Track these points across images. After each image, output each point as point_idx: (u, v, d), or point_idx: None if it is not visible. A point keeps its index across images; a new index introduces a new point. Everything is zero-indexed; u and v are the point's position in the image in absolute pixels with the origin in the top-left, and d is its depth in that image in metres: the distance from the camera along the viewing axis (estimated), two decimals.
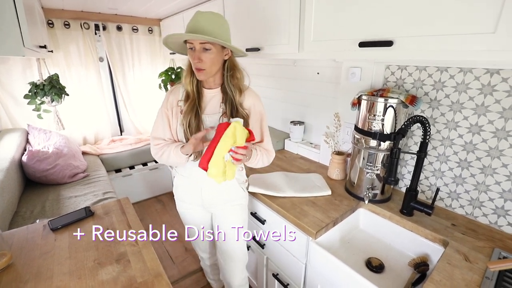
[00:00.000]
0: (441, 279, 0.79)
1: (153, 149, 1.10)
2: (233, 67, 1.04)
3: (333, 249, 1.09)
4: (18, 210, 1.67)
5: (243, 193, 1.19)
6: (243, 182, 1.20)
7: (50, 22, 2.32)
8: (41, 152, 1.95)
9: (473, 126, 1.00)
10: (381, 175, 1.15)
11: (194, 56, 0.95)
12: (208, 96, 1.07)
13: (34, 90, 2.15)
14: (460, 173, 1.07)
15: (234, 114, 1.02)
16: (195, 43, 0.94)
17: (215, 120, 1.04)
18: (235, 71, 1.04)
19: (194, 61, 0.96)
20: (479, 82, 0.96)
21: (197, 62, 0.95)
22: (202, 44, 0.94)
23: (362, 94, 1.13)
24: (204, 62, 0.96)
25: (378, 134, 1.09)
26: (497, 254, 0.88)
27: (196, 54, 0.95)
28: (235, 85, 1.04)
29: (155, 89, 2.96)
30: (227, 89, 1.04)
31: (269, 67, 1.95)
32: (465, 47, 0.70)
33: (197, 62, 0.95)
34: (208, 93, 1.06)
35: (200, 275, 1.83)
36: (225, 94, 1.05)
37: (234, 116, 1.02)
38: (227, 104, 1.03)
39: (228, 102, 1.03)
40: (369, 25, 0.90)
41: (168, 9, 2.34)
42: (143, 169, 2.74)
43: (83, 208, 1.14)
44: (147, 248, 0.93)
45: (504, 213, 0.98)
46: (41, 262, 0.88)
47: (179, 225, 2.36)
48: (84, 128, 2.75)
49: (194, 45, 0.94)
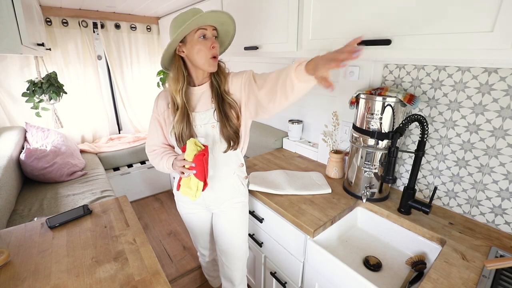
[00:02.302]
0: (438, 278, 0.80)
1: (149, 157, 1.15)
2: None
3: (331, 247, 1.10)
4: (16, 208, 1.67)
5: (244, 190, 1.18)
6: (244, 178, 1.19)
7: (48, 20, 2.31)
8: (39, 150, 1.95)
9: (471, 125, 1.00)
10: (379, 174, 1.15)
11: (211, 42, 0.94)
12: (198, 93, 1.05)
13: (32, 88, 2.14)
14: (458, 172, 1.07)
15: (221, 106, 1.01)
16: (209, 29, 0.94)
17: (209, 116, 1.02)
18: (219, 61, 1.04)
19: (212, 46, 0.94)
20: (477, 81, 0.96)
21: (215, 48, 0.95)
22: (213, 31, 0.95)
23: (360, 93, 1.13)
24: (216, 49, 0.96)
25: (376, 132, 1.09)
26: (494, 253, 0.89)
27: (212, 39, 0.95)
28: (220, 73, 1.04)
29: (153, 87, 2.96)
30: (213, 80, 1.03)
31: (268, 65, 1.95)
32: (463, 46, 0.70)
33: (215, 48, 0.95)
34: (197, 90, 1.05)
35: (198, 273, 1.83)
36: (212, 87, 1.04)
37: (222, 108, 1.01)
38: (214, 95, 1.02)
39: (214, 93, 1.02)
40: (367, 23, 0.90)
41: (166, 7, 2.33)
42: (141, 167, 2.74)
43: (81, 206, 1.14)
44: (145, 246, 0.93)
45: (502, 212, 0.98)
46: (39, 260, 0.88)
47: (177, 224, 2.36)
48: (82, 126, 2.75)
49: (207, 32, 0.94)
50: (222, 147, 1.05)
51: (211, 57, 0.96)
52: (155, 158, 1.11)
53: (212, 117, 1.02)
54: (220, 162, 1.08)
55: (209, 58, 0.96)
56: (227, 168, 1.11)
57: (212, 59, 0.96)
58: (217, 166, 1.08)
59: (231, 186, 1.14)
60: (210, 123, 1.03)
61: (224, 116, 1.01)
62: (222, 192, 1.13)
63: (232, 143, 1.04)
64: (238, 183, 1.15)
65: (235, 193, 1.16)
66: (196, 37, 0.94)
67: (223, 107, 1.01)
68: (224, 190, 1.13)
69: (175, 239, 2.19)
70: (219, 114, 1.01)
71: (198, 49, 0.95)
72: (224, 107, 1.01)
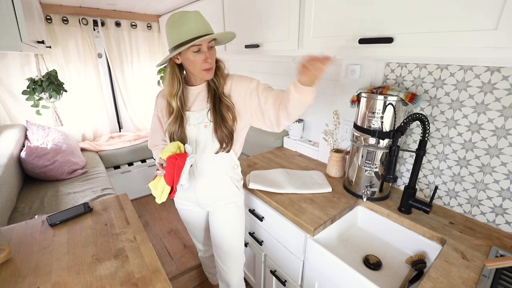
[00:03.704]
0: (438, 277, 0.80)
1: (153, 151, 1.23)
2: (217, 58, 1.04)
3: (331, 246, 1.10)
4: (16, 206, 1.67)
5: (237, 192, 1.16)
6: (238, 180, 1.17)
7: (48, 17, 2.31)
8: (39, 148, 1.95)
9: (473, 124, 1.00)
10: (379, 173, 1.15)
11: (205, 57, 0.94)
12: (194, 93, 1.05)
13: (32, 86, 2.14)
14: (459, 172, 1.07)
15: (217, 106, 1.01)
16: (204, 44, 0.93)
17: (202, 116, 1.03)
18: (218, 62, 1.04)
19: (205, 61, 0.95)
20: (479, 80, 0.95)
21: (209, 62, 0.95)
22: (210, 43, 0.95)
23: (362, 92, 1.13)
24: (212, 60, 0.97)
25: (377, 131, 1.08)
26: (495, 252, 0.88)
27: (206, 54, 0.94)
28: (219, 75, 1.03)
29: (154, 85, 2.96)
30: (210, 81, 1.03)
31: (269, 64, 1.94)
32: (466, 44, 0.70)
33: (209, 63, 0.95)
34: (194, 90, 1.05)
35: (199, 271, 1.84)
36: (209, 87, 1.04)
37: (218, 108, 1.01)
38: (210, 96, 1.02)
39: (211, 94, 1.02)
40: (369, 21, 0.90)
41: (167, 5, 2.32)
42: (142, 165, 2.74)
43: (81, 204, 1.14)
44: (145, 244, 0.93)
45: (502, 212, 0.98)
46: (40, 257, 0.88)
47: (177, 222, 2.37)
48: (82, 125, 2.75)
49: (203, 46, 0.93)
50: (214, 147, 1.05)
51: (204, 69, 0.96)
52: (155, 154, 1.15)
53: (205, 117, 1.02)
54: (212, 162, 1.07)
55: (202, 70, 0.96)
56: (219, 169, 1.09)
57: (205, 71, 0.97)
58: (208, 166, 1.08)
59: (223, 187, 1.12)
60: (203, 123, 1.03)
61: (220, 116, 1.00)
62: (214, 191, 1.12)
63: (225, 145, 1.03)
64: (230, 185, 1.13)
65: (228, 194, 1.14)
66: (190, 51, 0.93)
67: (219, 108, 1.01)
68: (216, 190, 1.12)
69: (175, 237, 2.19)
70: (213, 114, 1.01)
71: (192, 62, 0.95)
72: (221, 108, 1.01)
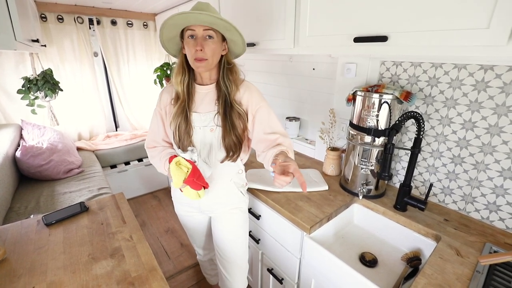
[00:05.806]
0: (432, 273, 0.81)
1: (148, 152, 1.12)
2: (231, 62, 1.00)
3: (327, 244, 1.10)
4: (12, 206, 1.66)
5: (242, 197, 1.13)
6: (242, 186, 1.14)
7: (43, 16, 2.29)
8: (35, 148, 1.94)
9: (467, 122, 1.01)
10: (375, 171, 1.16)
11: (196, 44, 0.88)
12: (202, 92, 1.00)
13: (27, 85, 2.12)
14: (453, 169, 1.08)
15: (228, 112, 0.96)
16: (198, 29, 0.87)
17: (209, 119, 0.98)
18: (232, 65, 1.00)
19: (196, 48, 0.87)
20: (473, 78, 0.96)
21: (199, 50, 0.88)
22: (206, 31, 0.88)
23: (357, 90, 1.13)
24: (206, 51, 0.89)
25: (372, 130, 1.09)
26: (488, 249, 0.89)
27: (198, 41, 0.88)
28: (232, 80, 0.98)
29: (150, 84, 2.93)
30: (221, 85, 0.97)
31: (265, 62, 1.94)
32: (459, 43, 0.70)
33: (199, 51, 0.88)
34: (201, 89, 1.00)
35: (196, 270, 1.84)
36: (219, 91, 0.98)
37: (228, 114, 0.96)
38: (221, 101, 0.97)
39: (221, 99, 0.97)
40: (364, 20, 0.90)
41: (163, 3, 2.31)
42: (139, 165, 2.73)
43: (77, 203, 1.14)
44: (142, 243, 0.93)
45: (496, 209, 0.99)
46: (35, 256, 0.87)
47: (174, 221, 2.36)
48: (79, 124, 2.73)
49: (197, 32, 0.87)
50: (219, 155, 1.02)
51: (196, 59, 0.90)
52: (154, 157, 1.08)
53: (212, 120, 0.98)
54: (216, 168, 1.04)
55: (193, 59, 0.91)
56: (223, 175, 1.06)
57: (196, 61, 0.90)
58: (213, 171, 1.03)
59: (227, 192, 1.10)
60: (209, 126, 0.98)
61: (230, 123, 0.96)
62: (217, 197, 1.09)
63: (232, 153, 0.99)
64: (235, 191, 1.10)
65: (232, 200, 1.11)
66: (186, 36, 0.91)
67: (230, 114, 0.96)
68: (219, 195, 1.09)
69: (172, 236, 2.19)
70: (223, 120, 0.96)
71: (187, 48, 0.92)
72: (231, 115, 0.97)
